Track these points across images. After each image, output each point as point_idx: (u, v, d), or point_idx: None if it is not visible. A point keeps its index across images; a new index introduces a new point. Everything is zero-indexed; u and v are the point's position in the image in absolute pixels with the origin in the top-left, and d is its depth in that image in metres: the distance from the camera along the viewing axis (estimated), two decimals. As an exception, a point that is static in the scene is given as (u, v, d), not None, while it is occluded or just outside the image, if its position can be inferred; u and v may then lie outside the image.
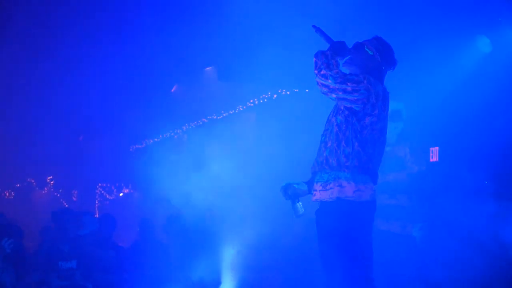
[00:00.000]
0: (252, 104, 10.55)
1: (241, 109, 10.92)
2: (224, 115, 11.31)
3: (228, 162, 11.36)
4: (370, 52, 3.99)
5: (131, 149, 13.63)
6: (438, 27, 6.78)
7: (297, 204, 4.11)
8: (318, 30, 4.03)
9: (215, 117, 11.52)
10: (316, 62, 3.77)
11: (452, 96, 7.02)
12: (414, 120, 7.45)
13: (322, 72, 3.72)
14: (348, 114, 3.83)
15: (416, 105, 7.46)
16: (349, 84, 3.68)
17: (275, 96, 10.05)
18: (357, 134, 3.80)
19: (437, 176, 7.28)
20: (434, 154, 7.46)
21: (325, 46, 3.97)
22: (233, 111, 11.08)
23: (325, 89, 3.73)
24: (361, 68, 3.95)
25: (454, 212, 6.85)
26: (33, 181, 11.91)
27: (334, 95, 3.73)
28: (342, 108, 3.87)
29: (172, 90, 11.88)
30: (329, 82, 3.68)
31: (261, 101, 10.33)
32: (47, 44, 8.24)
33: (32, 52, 8.37)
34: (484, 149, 6.68)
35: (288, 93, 9.85)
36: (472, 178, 6.83)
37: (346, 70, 3.97)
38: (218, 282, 7.83)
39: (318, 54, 3.81)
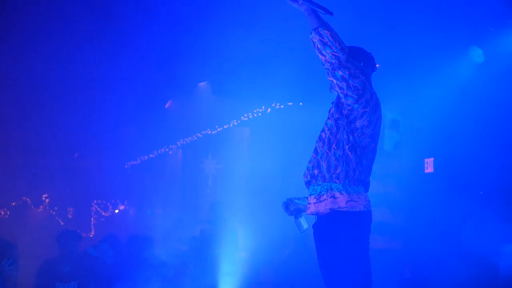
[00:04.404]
0: (246, 119, 10.56)
1: (235, 123, 10.93)
2: (219, 130, 11.32)
3: (222, 177, 11.38)
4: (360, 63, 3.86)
5: (126, 166, 13.61)
6: (432, 39, 6.82)
7: (300, 219, 4.05)
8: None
9: (209, 132, 11.52)
10: (331, 33, 3.52)
11: (446, 106, 7.05)
12: (409, 130, 7.47)
13: (340, 45, 3.53)
14: (338, 117, 3.75)
15: (410, 115, 7.49)
16: (353, 67, 3.57)
17: (269, 110, 10.07)
18: (349, 136, 3.72)
19: (430, 186, 7.29)
20: (429, 166, 7.45)
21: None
22: (227, 125, 11.09)
23: (334, 61, 3.54)
24: None
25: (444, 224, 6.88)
26: (28, 199, 11.84)
27: (340, 73, 3.55)
28: (332, 111, 3.79)
29: (166, 106, 11.89)
30: (341, 55, 3.53)
31: (255, 115, 10.34)
32: (40, 60, 8.20)
33: (23, 70, 8.33)
34: (479, 158, 6.70)
35: (282, 106, 9.87)
36: (468, 187, 6.85)
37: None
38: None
39: (329, 26, 3.56)
